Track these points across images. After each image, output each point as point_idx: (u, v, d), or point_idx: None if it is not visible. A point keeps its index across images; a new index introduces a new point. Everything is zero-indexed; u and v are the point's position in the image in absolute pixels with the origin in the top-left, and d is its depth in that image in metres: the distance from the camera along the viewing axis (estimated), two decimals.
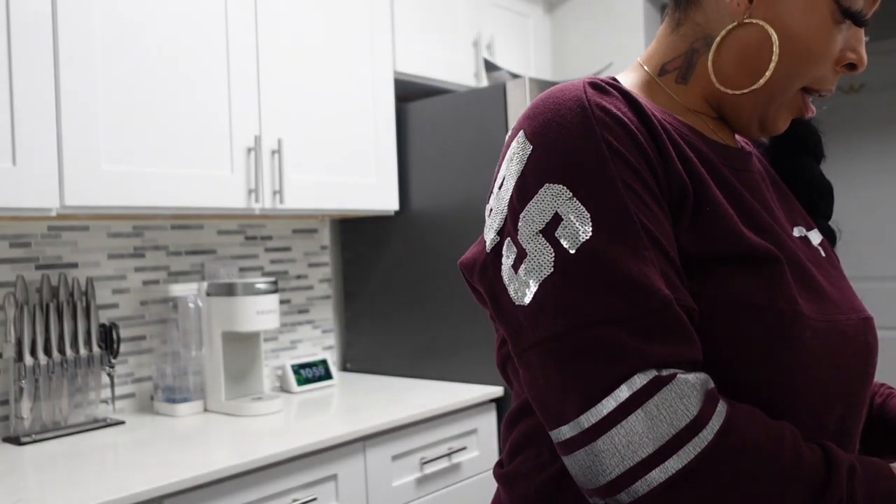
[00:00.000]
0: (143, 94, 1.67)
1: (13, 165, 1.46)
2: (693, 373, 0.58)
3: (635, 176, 0.62)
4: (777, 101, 0.73)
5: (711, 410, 0.57)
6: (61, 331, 1.74)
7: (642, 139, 0.64)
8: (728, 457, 0.56)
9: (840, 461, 0.60)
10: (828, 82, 0.72)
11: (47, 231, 1.82)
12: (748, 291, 0.63)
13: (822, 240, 0.79)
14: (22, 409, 1.67)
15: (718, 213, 0.65)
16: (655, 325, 0.58)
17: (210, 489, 1.43)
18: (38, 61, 1.49)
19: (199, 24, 1.77)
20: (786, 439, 0.59)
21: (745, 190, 0.71)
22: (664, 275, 0.60)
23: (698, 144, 0.71)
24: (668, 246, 0.62)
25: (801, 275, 0.68)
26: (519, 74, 2.53)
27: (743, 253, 0.64)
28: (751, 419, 0.59)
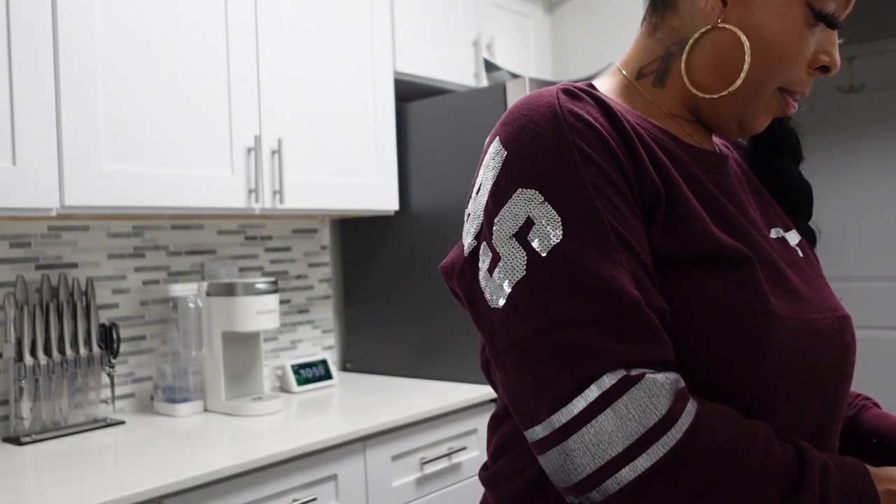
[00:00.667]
0: (143, 94, 1.67)
1: (13, 165, 1.46)
2: (663, 372, 0.59)
3: (606, 180, 0.63)
4: (753, 103, 0.73)
5: (681, 409, 0.58)
6: (61, 331, 1.74)
7: (614, 144, 0.65)
8: (697, 455, 0.57)
9: (813, 460, 0.60)
10: (802, 84, 0.73)
11: (47, 231, 1.82)
12: (720, 292, 0.64)
13: (801, 240, 0.79)
14: (22, 409, 1.67)
15: (691, 216, 0.66)
16: (624, 326, 0.59)
17: (210, 489, 1.43)
18: (38, 61, 1.49)
19: (199, 25, 1.77)
20: (758, 438, 0.59)
21: (719, 192, 0.72)
22: (634, 277, 0.61)
23: (673, 148, 0.72)
24: (639, 248, 0.63)
25: (775, 275, 0.69)
26: (519, 74, 2.53)
27: (715, 254, 0.65)
28: (722, 418, 0.60)
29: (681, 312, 0.63)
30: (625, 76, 0.78)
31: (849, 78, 3.62)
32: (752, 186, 0.82)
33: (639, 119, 0.72)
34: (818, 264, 0.80)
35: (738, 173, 0.80)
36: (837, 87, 3.66)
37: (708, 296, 0.64)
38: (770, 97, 0.73)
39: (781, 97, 0.74)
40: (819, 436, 0.69)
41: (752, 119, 0.75)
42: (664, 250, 0.65)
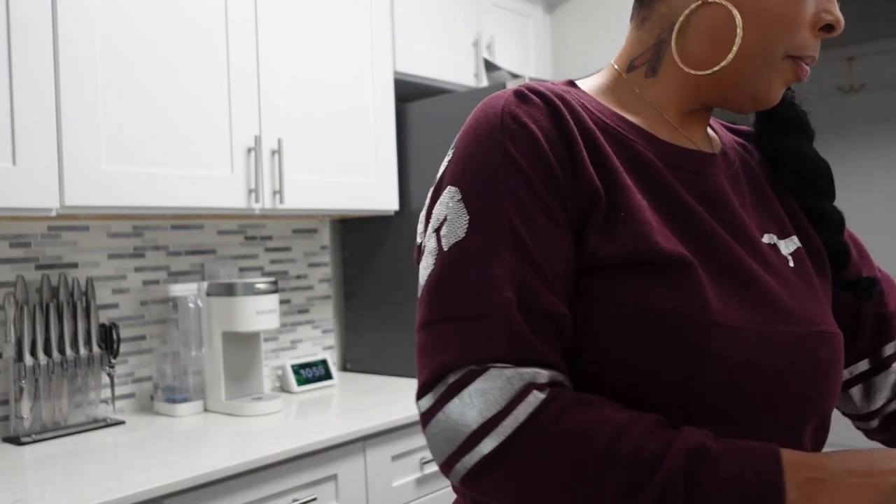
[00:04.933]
0: (144, 94, 1.67)
1: (13, 165, 1.46)
2: (516, 368, 0.61)
3: (525, 184, 0.65)
4: (763, 73, 0.71)
5: (523, 398, 0.60)
6: (61, 331, 1.74)
7: (547, 148, 0.66)
8: (535, 441, 0.59)
9: (680, 447, 0.57)
10: (809, 48, 0.71)
11: (47, 231, 1.82)
12: (654, 297, 0.63)
13: (798, 249, 0.76)
14: (22, 409, 1.67)
15: (633, 220, 0.66)
16: (484, 326, 0.62)
17: (210, 489, 1.43)
18: (38, 61, 1.49)
19: (199, 25, 1.77)
20: (610, 426, 0.59)
21: (691, 193, 0.71)
22: (522, 281, 0.62)
23: (641, 147, 0.71)
24: (542, 253, 0.63)
25: (740, 282, 0.67)
26: (519, 74, 2.53)
27: (652, 259, 0.64)
28: (573, 407, 0.60)
29: (613, 315, 0.64)
30: (616, 70, 0.77)
31: (849, 78, 3.62)
32: (757, 188, 0.79)
33: (610, 118, 0.72)
34: (818, 276, 0.76)
35: (740, 173, 0.78)
36: (837, 87, 3.66)
37: (642, 300, 0.63)
38: (780, 65, 0.71)
39: (792, 63, 0.71)
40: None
41: (767, 90, 0.72)
42: (602, 252, 0.65)
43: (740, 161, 0.80)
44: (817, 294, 0.74)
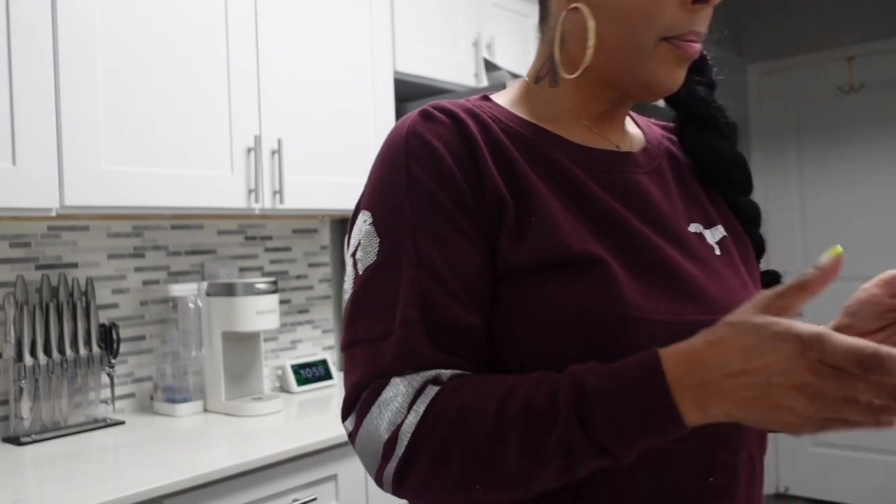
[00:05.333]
0: (144, 94, 1.67)
1: (13, 165, 1.46)
2: (415, 374, 0.64)
3: (430, 201, 0.67)
4: (640, 61, 0.71)
5: (421, 394, 0.63)
6: (61, 331, 1.74)
7: (452, 163, 0.68)
8: (435, 429, 0.62)
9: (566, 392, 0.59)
10: (684, 25, 0.70)
11: (47, 231, 1.82)
12: (567, 297, 0.65)
13: (725, 237, 0.78)
14: (22, 409, 1.67)
15: (543, 224, 0.67)
16: (389, 344, 0.65)
17: (210, 489, 1.43)
18: (38, 61, 1.49)
19: (199, 25, 1.77)
20: (497, 393, 0.61)
21: (607, 192, 0.72)
22: (424, 296, 0.65)
23: (552, 152, 0.73)
24: (448, 267, 0.66)
25: (661, 274, 0.69)
26: (519, 74, 2.53)
27: (563, 261, 0.66)
28: (463, 386, 0.63)
29: (529, 318, 0.65)
30: (526, 83, 0.80)
31: (849, 78, 3.62)
32: (683, 180, 0.80)
33: (522, 127, 0.74)
34: (745, 264, 0.78)
35: (665, 166, 0.80)
36: (837, 87, 3.66)
37: (555, 301, 0.65)
38: (657, 50, 0.70)
39: (669, 45, 0.70)
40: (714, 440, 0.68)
41: (654, 77, 0.72)
42: (514, 258, 0.67)
43: (667, 155, 0.82)
44: (744, 281, 0.76)
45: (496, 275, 0.68)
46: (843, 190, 3.66)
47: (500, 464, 0.60)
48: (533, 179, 0.70)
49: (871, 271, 3.59)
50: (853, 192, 3.63)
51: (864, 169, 3.60)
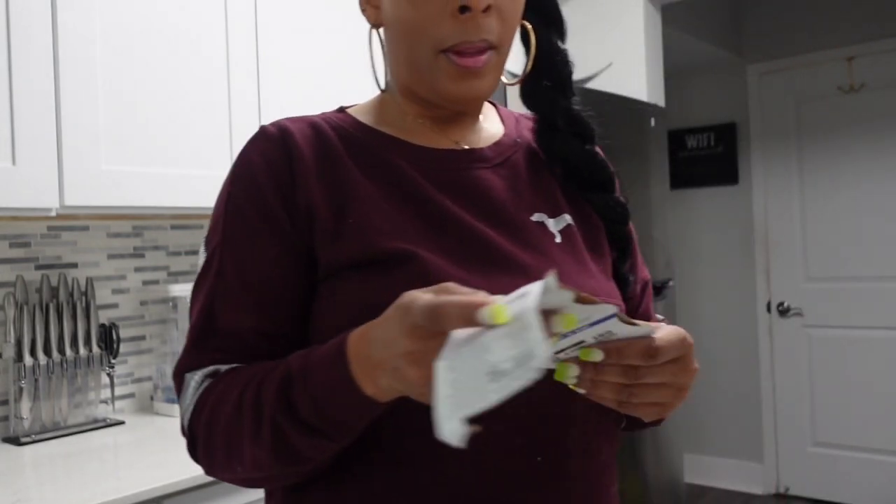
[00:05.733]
0: (143, 94, 1.67)
1: (13, 165, 1.46)
2: (200, 371, 0.73)
3: (239, 217, 0.74)
4: (425, 73, 0.75)
5: (199, 388, 0.72)
6: (61, 331, 1.74)
7: (266, 179, 0.73)
8: (201, 416, 0.71)
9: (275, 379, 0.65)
10: (455, 36, 0.72)
11: (47, 231, 1.81)
12: (380, 293, 0.66)
13: (569, 226, 0.80)
14: (22, 410, 1.67)
15: (361, 225, 0.72)
16: (194, 346, 0.74)
17: (210, 489, 1.43)
18: (38, 61, 1.49)
19: (199, 25, 1.77)
20: (245, 380, 0.68)
21: (440, 189, 0.75)
22: (211, 306, 0.73)
23: (390, 156, 0.77)
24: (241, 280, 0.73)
25: (488, 263, 0.72)
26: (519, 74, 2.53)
27: (377, 258, 0.70)
28: (226, 376, 0.71)
29: (345, 314, 0.69)
30: (381, 90, 0.85)
31: (849, 78, 3.62)
32: (537, 171, 0.83)
33: (364, 134, 0.78)
34: (590, 252, 0.80)
35: (519, 159, 0.82)
36: (837, 87, 3.66)
37: (369, 297, 0.68)
38: (437, 62, 0.73)
39: (445, 57, 0.73)
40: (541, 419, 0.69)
41: (442, 87, 0.75)
42: (331, 258, 0.71)
43: (526, 148, 0.84)
44: (586, 268, 0.78)
45: (318, 276, 0.72)
46: (843, 190, 3.66)
47: (240, 447, 0.67)
48: (360, 184, 0.74)
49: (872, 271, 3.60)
50: (853, 191, 3.63)
51: (864, 169, 3.60)
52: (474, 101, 0.80)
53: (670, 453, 2.63)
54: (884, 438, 3.52)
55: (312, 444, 0.64)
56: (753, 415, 3.92)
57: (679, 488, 2.71)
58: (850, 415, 3.62)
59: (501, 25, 0.74)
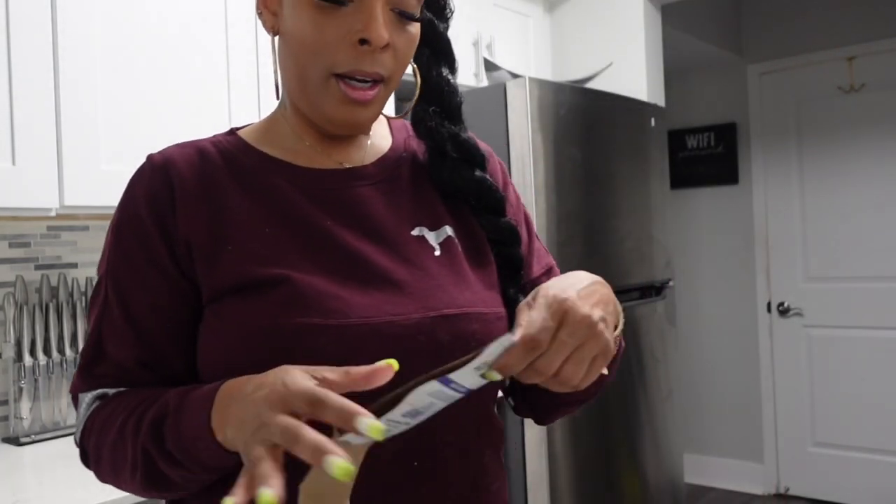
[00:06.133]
0: (143, 94, 1.67)
1: (13, 165, 1.46)
2: (90, 392, 0.78)
3: (121, 249, 0.77)
4: (315, 95, 0.77)
5: (88, 409, 0.78)
6: (61, 331, 1.74)
7: (146, 214, 0.76)
8: (90, 437, 0.76)
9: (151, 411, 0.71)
10: (349, 63, 0.74)
11: (47, 231, 1.81)
12: (255, 314, 0.72)
13: (448, 238, 0.82)
14: (21, 410, 1.67)
15: (238, 251, 0.75)
16: (84, 370, 0.79)
17: None
18: (38, 61, 1.49)
19: (199, 25, 1.77)
20: (129, 407, 0.73)
21: (320, 210, 0.78)
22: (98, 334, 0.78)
23: (273, 179, 0.79)
24: (124, 308, 0.76)
25: (361, 280, 0.75)
26: (519, 74, 2.53)
27: (252, 283, 0.73)
28: (112, 400, 0.76)
29: (224, 337, 0.73)
30: (279, 107, 0.86)
31: (849, 78, 3.62)
32: (420, 186, 0.85)
33: (250, 159, 0.80)
34: (472, 262, 0.82)
35: (403, 174, 0.84)
36: (837, 87, 3.66)
37: (244, 319, 0.72)
38: (327, 84, 0.76)
39: (336, 82, 0.75)
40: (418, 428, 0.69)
41: (328, 110, 0.77)
42: (211, 284, 0.74)
43: (411, 160, 0.87)
44: (465, 278, 0.80)
45: (203, 301, 0.75)
46: (843, 190, 3.66)
47: (123, 470, 0.73)
48: (241, 209, 0.77)
49: (872, 271, 3.61)
50: (853, 191, 3.63)
51: (864, 169, 3.60)
52: (356, 129, 0.81)
53: (670, 453, 2.63)
54: (884, 438, 3.52)
55: (180, 474, 0.70)
56: (753, 415, 3.92)
57: (679, 488, 2.71)
58: (850, 415, 3.62)
59: (395, 63, 0.77)
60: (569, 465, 2.14)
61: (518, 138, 2.10)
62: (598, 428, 2.27)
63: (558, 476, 2.11)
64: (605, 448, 2.29)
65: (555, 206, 2.14)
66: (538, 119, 2.10)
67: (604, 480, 2.28)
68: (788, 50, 3.79)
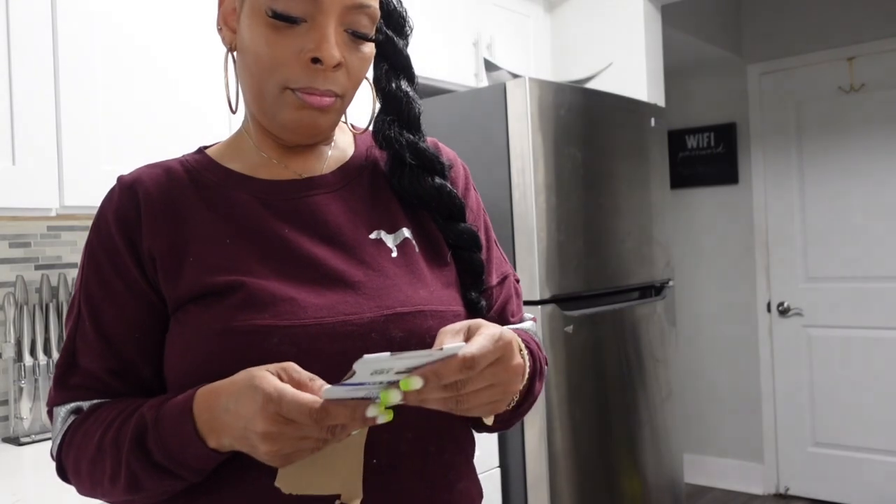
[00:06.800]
0: (143, 94, 1.67)
1: (13, 165, 1.46)
2: (65, 406, 0.81)
3: (93, 265, 0.81)
4: (271, 106, 0.80)
5: (63, 425, 0.81)
6: (61, 331, 1.74)
7: (115, 231, 0.81)
8: (69, 451, 0.80)
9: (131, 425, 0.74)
10: (302, 80, 0.78)
11: (47, 231, 1.81)
12: (212, 319, 0.75)
13: (406, 240, 0.85)
14: (22, 410, 1.67)
15: (198, 262, 0.78)
16: (59, 381, 0.82)
17: None
18: (38, 61, 1.49)
19: (198, 25, 1.77)
20: (105, 422, 0.76)
21: (278, 219, 0.81)
22: (71, 346, 0.82)
23: (233, 193, 0.83)
24: (96, 322, 0.80)
25: (318, 284, 0.78)
26: (519, 74, 2.53)
27: (210, 290, 0.77)
28: (90, 415, 0.79)
29: (188, 340, 0.76)
30: (233, 111, 0.90)
31: (849, 78, 3.62)
32: (378, 191, 0.88)
33: (213, 174, 0.84)
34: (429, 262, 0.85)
35: (363, 180, 0.88)
36: (838, 87, 3.66)
37: (202, 324, 0.75)
38: (282, 97, 0.79)
39: (292, 94, 0.79)
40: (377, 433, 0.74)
41: (283, 121, 0.81)
42: (175, 294, 0.78)
43: (371, 169, 0.90)
44: (421, 278, 0.83)
45: (168, 311, 0.79)
46: (843, 190, 3.66)
47: (102, 482, 0.76)
48: (203, 223, 0.81)
49: (872, 271, 3.61)
50: (853, 192, 3.63)
51: (864, 169, 3.60)
52: (313, 134, 0.83)
53: (670, 453, 2.63)
54: (884, 438, 3.52)
55: (164, 483, 0.74)
56: (753, 415, 3.92)
57: (679, 488, 2.71)
58: (850, 415, 3.62)
59: (348, 80, 0.81)
60: (569, 465, 2.14)
61: (518, 138, 2.10)
62: (598, 428, 2.27)
63: (558, 476, 2.11)
64: (605, 448, 2.29)
65: (555, 206, 2.14)
66: (538, 119, 2.11)
67: (604, 480, 2.28)
68: (788, 50, 3.79)
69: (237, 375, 0.69)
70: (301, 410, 0.63)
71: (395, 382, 0.64)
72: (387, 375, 0.63)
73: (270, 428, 0.64)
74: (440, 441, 0.82)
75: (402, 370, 0.63)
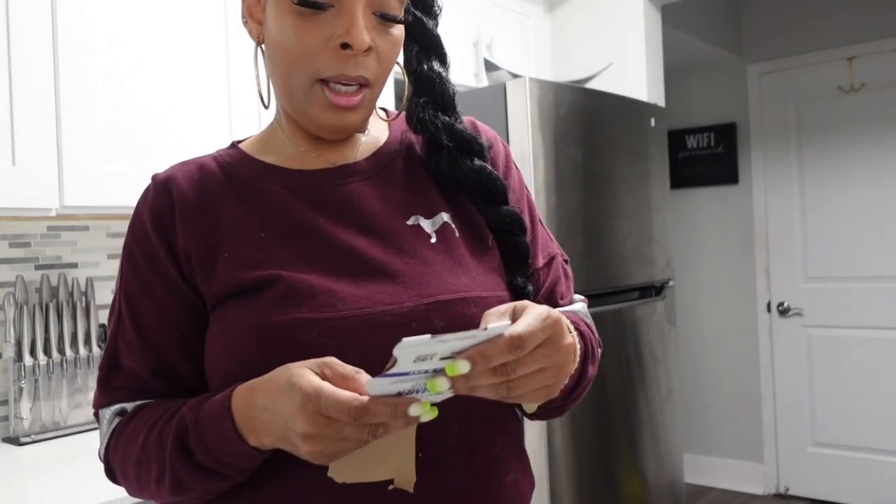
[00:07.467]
0: (143, 94, 1.67)
1: (13, 165, 1.46)
2: (109, 408, 0.82)
3: (132, 266, 0.81)
4: (302, 100, 0.79)
5: (111, 425, 0.81)
6: (61, 331, 1.74)
7: (151, 230, 0.80)
8: (116, 453, 0.80)
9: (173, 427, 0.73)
10: (333, 69, 0.76)
11: (47, 231, 1.81)
12: (248, 314, 0.75)
13: (445, 224, 0.82)
14: (22, 410, 1.67)
15: (233, 258, 0.78)
16: (103, 383, 0.83)
17: None
18: (38, 61, 1.49)
19: (198, 25, 1.77)
20: (149, 423, 0.76)
21: (313, 210, 0.80)
22: (114, 347, 0.82)
23: (268, 185, 0.82)
24: (136, 321, 0.80)
25: (356, 274, 0.76)
26: (519, 74, 2.53)
27: (247, 286, 0.76)
28: (134, 416, 0.79)
29: (228, 336, 0.76)
30: (265, 106, 0.88)
31: (849, 78, 3.62)
32: (414, 177, 0.85)
33: (248, 168, 0.83)
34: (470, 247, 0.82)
35: (397, 166, 0.85)
36: (838, 87, 3.66)
37: (242, 318, 0.75)
38: (313, 90, 0.78)
39: (320, 87, 0.78)
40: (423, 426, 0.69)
41: (315, 115, 0.79)
42: (212, 291, 0.78)
43: (405, 155, 0.87)
44: (462, 264, 0.80)
45: (207, 309, 0.79)
46: (843, 190, 3.66)
47: (149, 485, 0.76)
48: (237, 219, 0.80)
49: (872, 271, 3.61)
50: (853, 192, 3.63)
51: (864, 169, 3.60)
52: (344, 133, 0.82)
53: (670, 453, 2.63)
54: (884, 438, 3.52)
55: (208, 483, 0.74)
56: (753, 415, 3.92)
57: (679, 488, 2.71)
58: (850, 415, 3.61)
59: (378, 66, 0.79)
60: (569, 465, 2.14)
61: (518, 138, 2.10)
62: (598, 428, 2.27)
63: (558, 476, 2.11)
64: (605, 448, 2.29)
65: (555, 206, 2.14)
66: (538, 119, 2.11)
67: (604, 480, 2.28)
68: (788, 50, 3.79)
69: (275, 372, 0.68)
70: (340, 408, 0.61)
71: (441, 370, 0.60)
72: (431, 363, 0.60)
73: (311, 429, 0.63)
74: (490, 433, 0.79)
75: (446, 355, 0.60)
